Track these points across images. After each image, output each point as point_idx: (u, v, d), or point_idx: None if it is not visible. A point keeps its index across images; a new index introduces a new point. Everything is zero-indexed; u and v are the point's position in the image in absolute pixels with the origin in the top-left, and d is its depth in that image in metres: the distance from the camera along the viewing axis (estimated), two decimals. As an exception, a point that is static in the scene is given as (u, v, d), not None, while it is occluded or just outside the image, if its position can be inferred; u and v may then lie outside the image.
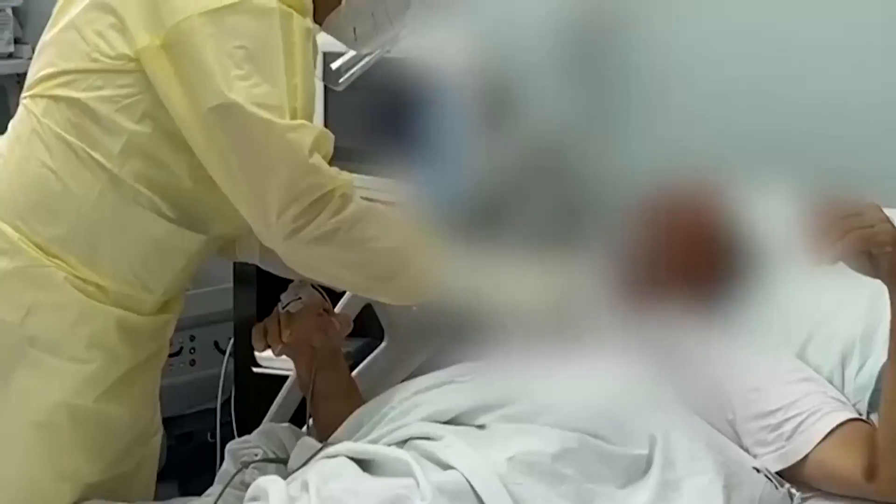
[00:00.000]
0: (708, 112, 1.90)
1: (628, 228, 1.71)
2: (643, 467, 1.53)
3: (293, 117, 1.58)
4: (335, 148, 1.64)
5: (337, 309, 1.97)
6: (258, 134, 1.56)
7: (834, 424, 1.60)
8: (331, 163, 1.62)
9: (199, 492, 1.81)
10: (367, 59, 1.87)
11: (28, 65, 1.72)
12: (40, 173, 1.63)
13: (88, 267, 1.65)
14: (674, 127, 1.86)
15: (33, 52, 1.72)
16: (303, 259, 1.66)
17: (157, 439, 1.85)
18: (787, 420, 1.60)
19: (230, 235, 1.79)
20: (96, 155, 1.62)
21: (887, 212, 1.50)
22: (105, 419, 1.69)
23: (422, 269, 1.67)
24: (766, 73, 1.99)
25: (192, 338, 2.71)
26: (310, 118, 1.62)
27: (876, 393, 1.67)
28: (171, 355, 1.90)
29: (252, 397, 2.44)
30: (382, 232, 1.64)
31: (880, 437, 1.57)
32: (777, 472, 1.57)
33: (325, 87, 1.92)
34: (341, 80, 1.89)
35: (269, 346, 1.84)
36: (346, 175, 1.63)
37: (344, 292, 2.00)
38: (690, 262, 1.69)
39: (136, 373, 1.71)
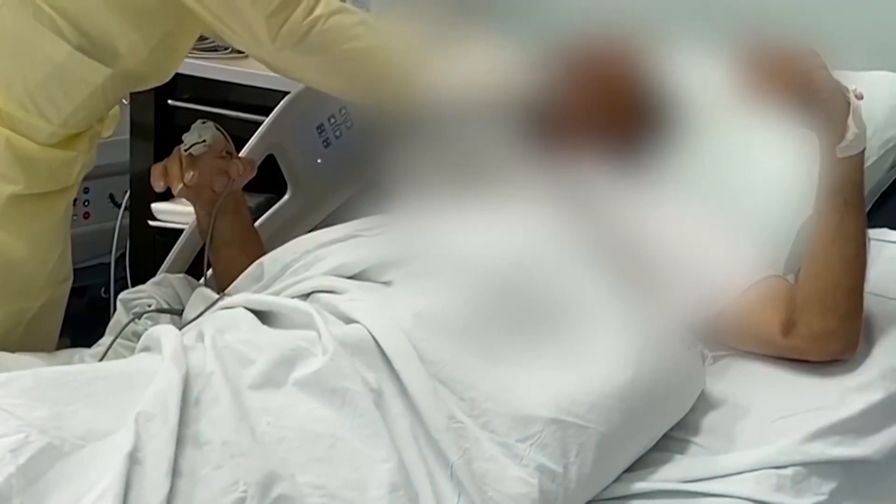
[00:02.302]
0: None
1: (547, 80, 1.65)
2: (552, 326, 1.49)
3: None
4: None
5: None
6: None
7: (752, 279, 1.58)
8: None
9: (90, 347, 1.75)
10: None
11: None
12: None
13: None
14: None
15: None
16: (293, 65, 1.66)
17: (66, 285, 1.81)
18: (705, 274, 1.57)
19: (143, 75, 1.73)
20: None
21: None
22: None
23: (404, 65, 1.63)
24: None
25: (87, 190, 2.65)
26: None
27: (794, 252, 1.65)
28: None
29: (147, 252, 2.40)
30: (360, 30, 1.61)
31: (801, 290, 1.57)
32: (691, 330, 1.54)
33: None
34: None
35: (167, 187, 1.77)
36: None
37: (246, 139, 1.94)
38: (610, 114, 1.65)
39: (32, 205, 1.67)
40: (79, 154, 1.72)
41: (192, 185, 1.75)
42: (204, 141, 1.77)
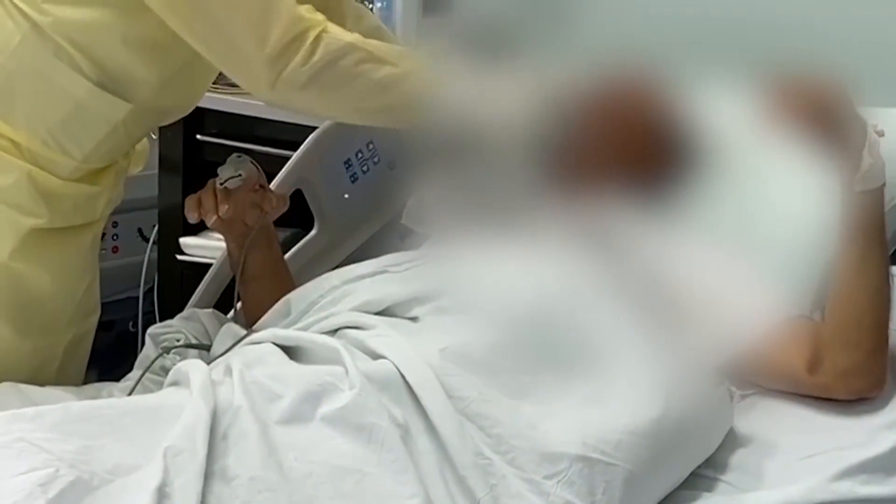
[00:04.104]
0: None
1: (569, 117, 1.65)
2: (579, 363, 1.48)
3: None
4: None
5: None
6: None
7: (778, 318, 1.57)
8: None
9: (118, 381, 1.75)
10: None
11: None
12: None
13: (2, 119, 1.62)
14: (620, 13, 1.80)
15: None
16: (290, 105, 1.67)
17: (94, 318, 1.82)
18: (730, 311, 1.57)
19: (164, 109, 1.74)
20: (19, 2, 1.58)
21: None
22: (22, 279, 1.65)
23: (408, 93, 1.62)
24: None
25: (115, 224, 2.66)
26: None
27: (821, 289, 1.64)
28: (92, 241, 1.85)
29: (175, 286, 2.40)
30: (363, 66, 1.59)
31: (826, 327, 1.56)
32: (718, 367, 1.53)
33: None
34: None
35: (201, 218, 1.78)
36: (317, 15, 1.58)
37: (274, 174, 1.96)
38: (633, 150, 1.64)
39: (56, 238, 1.68)
40: (104, 189, 1.72)
41: (226, 218, 1.76)
42: (240, 175, 1.77)
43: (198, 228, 2.30)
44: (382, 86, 1.60)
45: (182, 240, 2.34)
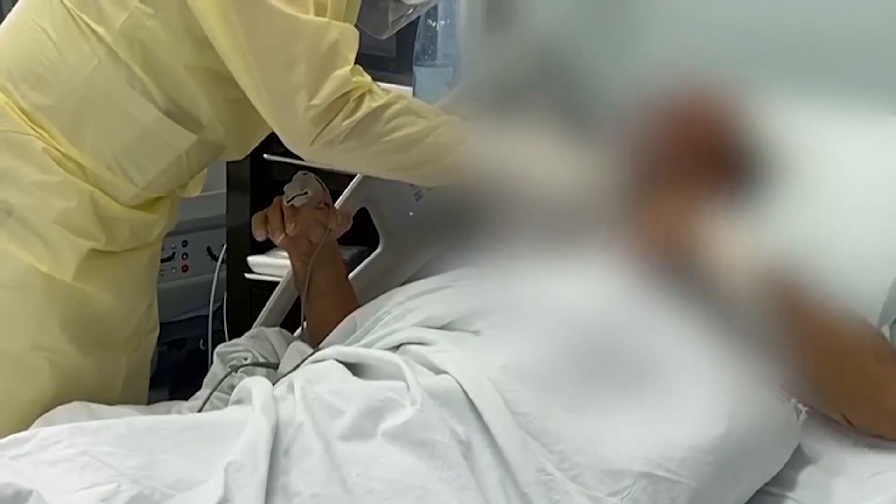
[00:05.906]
0: (722, 13, 1.84)
1: (637, 131, 1.65)
2: (642, 378, 1.47)
3: (321, 12, 1.55)
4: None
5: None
6: (277, 28, 1.55)
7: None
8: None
9: (188, 398, 1.76)
10: (413, 11, 1.88)
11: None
12: (39, 39, 1.63)
13: (70, 142, 1.64)
14: (687, 27, 1.80)
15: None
16: (327, 160, 1.67)
17: (153, 336, 1.84)
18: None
19: (219, 144, 1.76)
20: (98, 28, 1.61)
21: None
22: (84, 298, 1.68)
23: (447, 153, 1.64)
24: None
25: (185, 243, 2.68)
26: (340, 15, 1.59)
27: (888, 304, 1.61)
28: (162, 260, 1.87)
29: (244, 304, 2.41)
30: (400, 123, 1.61)
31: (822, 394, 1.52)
32: (783, 383, 1.51)
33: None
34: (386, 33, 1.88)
35: (268, 236, 1.80)
36: (365, 78, 1.60)
37: (340, 192, 1.96)
38: (699, 164, 1.62)
39: (114, 259, 1.70)
40: (160, 217, 1.75)
41: (293, 235, 1.77)
42: (306, 193, 1.79)
43: (266, 247, 2.32)
44: (424, 134, 1.62)
45: (250, 258, 2.36)
